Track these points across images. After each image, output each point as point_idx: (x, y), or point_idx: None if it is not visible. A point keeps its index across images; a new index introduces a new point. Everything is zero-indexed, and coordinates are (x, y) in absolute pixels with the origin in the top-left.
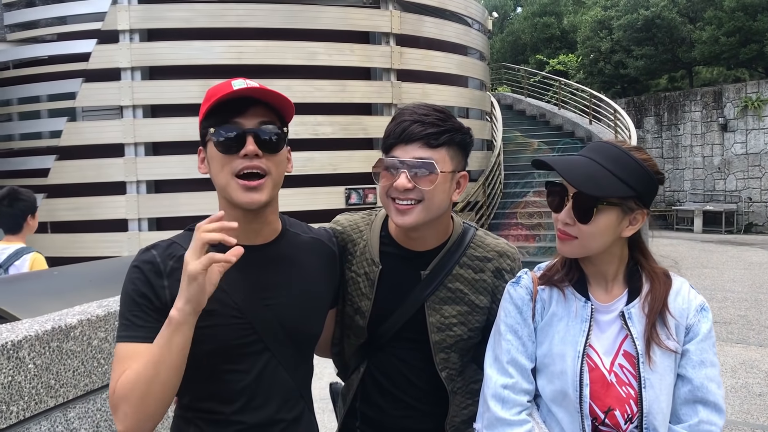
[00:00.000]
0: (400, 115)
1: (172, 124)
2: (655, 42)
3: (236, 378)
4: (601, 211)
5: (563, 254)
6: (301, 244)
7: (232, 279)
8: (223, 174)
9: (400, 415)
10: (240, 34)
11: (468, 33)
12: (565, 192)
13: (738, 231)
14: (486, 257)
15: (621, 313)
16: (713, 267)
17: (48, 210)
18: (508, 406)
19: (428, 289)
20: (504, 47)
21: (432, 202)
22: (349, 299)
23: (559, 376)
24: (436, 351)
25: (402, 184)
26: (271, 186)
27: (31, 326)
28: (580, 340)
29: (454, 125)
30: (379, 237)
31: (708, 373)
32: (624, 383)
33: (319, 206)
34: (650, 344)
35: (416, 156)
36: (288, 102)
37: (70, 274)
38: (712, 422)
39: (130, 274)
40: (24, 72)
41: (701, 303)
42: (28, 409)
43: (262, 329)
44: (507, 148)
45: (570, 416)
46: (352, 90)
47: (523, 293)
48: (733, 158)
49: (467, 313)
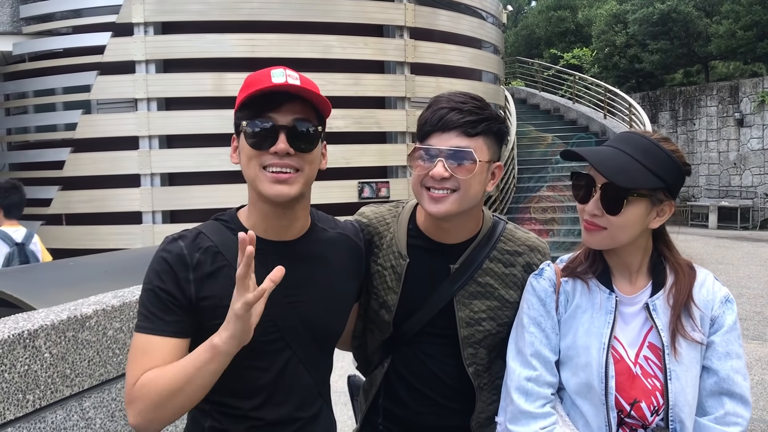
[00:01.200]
0: (436, 103)
1: (186, 116)
2: (671, 36)
3: (256, 375)
4: (631, 202)
5: (590, 245)
6: (328, 241)
7: (258, 275)
8: (252, 166)
9: (425, 411)
10: (254, 27)
11: (482, 26)
12: (593, 183)
13: (753, 227)
14: (517, 251)
15: (645, 305)
16: (728, 263)
17: (63, 202)
18: (531, 399)
19: (458, 283)
20: (518, 41)
21: (467, 192)
22: (374, 293)
23: (584, 368)
24: (465, 346)
25: (439, 172)
26: (302, 181)
27: (47, 316)
28: (605, 332)
29: (491, 114)
30: (406, 230)
31: (734, 364)
32: (649, 375)
33: (332, 200)
34: (675, 336)
35: (454, 144)
36: (325, 101)
37: (85, 265)
38: (738, 414)
39: (155, 265)
40: (39, 65)
41: (726, 295)
42: (44, 398)
43: (284, 327)
44: (521, 142)
45: (595, 408)
46: (366, 83)
47: (547, 285)
48: (750, 154)
49: (497, 308)
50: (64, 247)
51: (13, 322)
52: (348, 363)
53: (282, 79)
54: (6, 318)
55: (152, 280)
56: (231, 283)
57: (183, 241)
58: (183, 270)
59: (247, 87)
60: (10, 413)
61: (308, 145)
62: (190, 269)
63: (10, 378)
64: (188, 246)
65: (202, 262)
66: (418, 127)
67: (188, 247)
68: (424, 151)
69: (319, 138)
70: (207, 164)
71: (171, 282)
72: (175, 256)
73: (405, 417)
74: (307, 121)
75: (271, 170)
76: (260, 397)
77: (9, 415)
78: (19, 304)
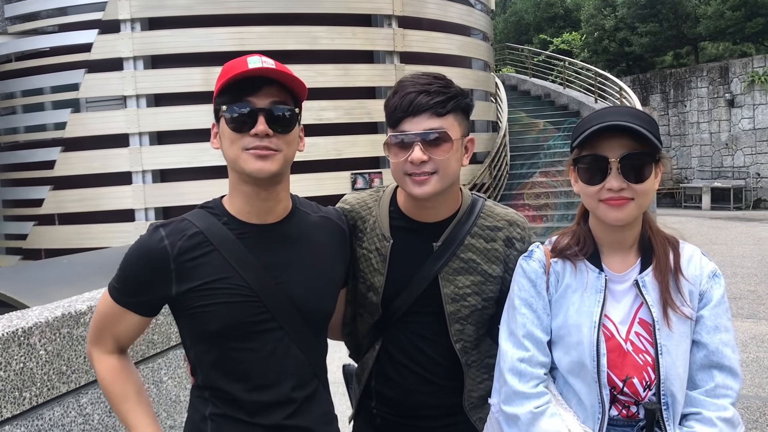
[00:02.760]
0: (402, 88)
1: (176, 112)
2: (660, 18)
3: (248, 357)
4: (649, 166)
5: (619, 222)
6: (311, 223)
7: (243, 258)
8: (234, 149)
9: (417, 390)
10: (241, 20)
11: (471, 13)
12: (604, 161)
13: (746, 207)
14: (496, 226)
15: (635, 282)
16: (722, 243)
17: (55, 202)
18: (525, 379)
19: (441, 260)
20: (507, 28)
21: (447, 171)
22: (361, 277)
23: (576, 346)
24: (451, 322)
25: (417, 156)
26: (281, 160)
27: (41, 313)
28: (595, 311)
29: (457, 91)
30: (388, 212)
31: (722, 338)
32: (641, 351)
33: (325, 192)
34: (666, 310)
35: (427, 127)
36: (300, 83)
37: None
38: (728, 386)
39: (134, 252)
40: (26, 64)
41: (713, 269)
42: (41, 395)
43: (274, 307)
44: (512, 129)
45: (588, 387)
46: (355, 74)
47: (537, 266)
48: (741, 134)
49: (481, 282)
50: (57, 247)
51: (7, 320)
52: (345, 353)
53: (258, 65)
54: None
55: (130, 264)
56: (217, 267)
57: (164, 229)
58: (161, 260)
59: (224, 74)
60: (7, 411)
61: (286, 126)
62: (171, 258)
63: (6, 376)
64: (169, 234)
65: (186, 248)
66: (389, 114)
67: (169, 235)
68: (399, 137)
69: (296, 119)
70: (198, 159)
71: (145, 270)
72: (154, 244)
73: (397, 398)
74: (284, 103)
75: (252, 151)
76: (255, 379)
77: (6, 413)
78: (11, 302)
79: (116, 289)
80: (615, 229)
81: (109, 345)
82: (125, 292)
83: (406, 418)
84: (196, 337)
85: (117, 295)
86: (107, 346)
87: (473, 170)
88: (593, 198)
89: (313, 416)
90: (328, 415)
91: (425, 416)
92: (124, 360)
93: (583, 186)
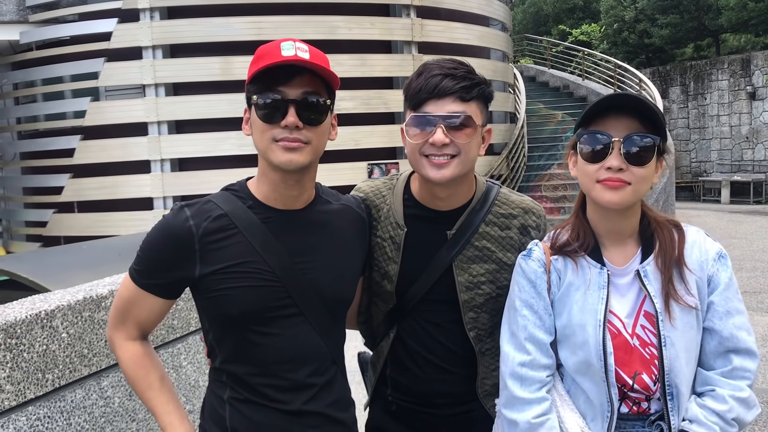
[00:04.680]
0: (428, 71)
1: (195, 101)
2: (681, 10)
3: (268, 341)
4: (650, 152)
5: (614, 205)
6: (333, 211)
7: (268, 242)
8: (264, 139)
9: (432, 378)
10: (259, 9)
11: (490, 4)
12: (607, 138)
13: (766, 201)
14: (511, 214)
15: (637, 272)
16: (742, 237)
17: (74, 189)
18: (526, 384)
19: (455, 248)
20: (526, 18)
21: (467, 156)
22: (375, 265)
23: (582, 346)
24: (465, 310)
25: (440, 138)
26: (311, 152)
27: (63, 296)
28: (599, 309)
29: (481, 79)
30: (402, 200)
31: (736, 321)
32: (647, 344)
33: (341, 182)
34: (669, 301)
35: (451, 110)
36: (333, 73)
37: (99, 248)
38: (746, 368)
39: (158, 231)
40: (46, 53)
41: (719, 250)
42: (63, 377)
43: (295, 293)
44: (530, 120)
45: (596, 386)
46: (373, 64)
47: (536, 266)
48: (762, 127)
49: (495, 271)
50: (76, 234)
51: (30, 303)
52: (360, 342)
53: (291, 53)
54: (23, 299)
55: (153, 245)
56: (241, 250)
57: (189, 209)
58: (186, 240)
59: (257, 60)
60: (30, 392)
61: (317, 117)
62: (195, 238)
63: (29, 358)
64: (195, 214)
65: (211, 230)
66: (410, 96)
67: (195, 216)
68: (422, 118)
69: (328, 110)
70: (217, 149)
71: (169, 250)
72: (179, 224)
73: (412, 386)
74: (316, 94)
75: (281, 142)
76: (274, 364)
77: (29, 394)
78: (34, 286)
79: (137, 271)
80: (612, 216)
81: (131, 330)
82: (147, 274)
83: (421, 405)
84: (216, 320)
85: (138, 277)
86: (129, 332)
87: (491, 161)
88: (591, 178)
89: (331, 402)
90: (345, 401)
91: (440, 404)
92: (146, 346)
93: (583, 164)
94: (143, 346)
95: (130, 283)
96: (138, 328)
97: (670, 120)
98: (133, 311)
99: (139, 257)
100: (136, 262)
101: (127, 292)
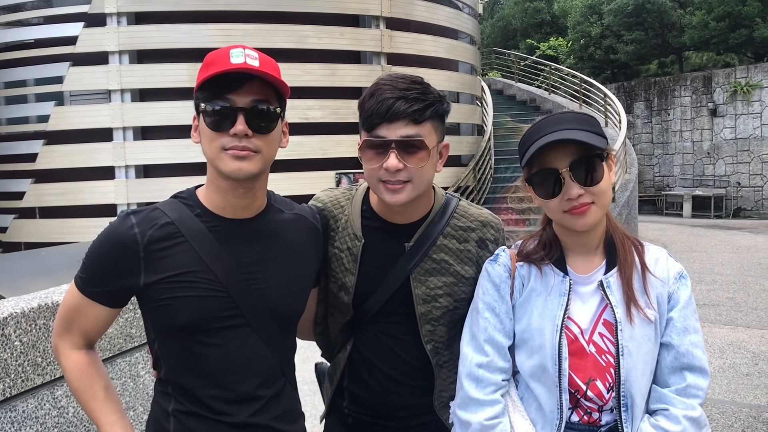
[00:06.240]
0: (379, 92)
1: (161, 108)
2: (645, 27)
3: (213, 352)
4: (600, 165)
5: (586, 227)
6: (285, 221)
7: (214, 252)
8: (213, 147)
9: (388, 391)
10: (228, 17)
11: (458, 17)
12: (555, 173)
13: (727, 215)
14: (469, 227)
15: (600, 283)
16: (702, 251)
17: (36, 195)
18: (482, 386)
19: (413, 260)
20: (494, 32)
21: (422, 180)
22: (332, 276)
23: (539, 350)
24: (422, 323)
25: (393, 164)
26: (261, 160)
27: (17, 304)
28: (558, 314)
29: (435, 97)
30: (360, 211)
31: (692, 339)
32: (603, 351)
33: (308, 191)
34: (629, 311)
35: (403, 134)
36: (283, 81)
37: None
38: (699, 387)
39: (103, 239)
40: (10, 56)
41: (680, 270)
42: (14, 387)
43: (242, 304)
44: (497, 133)
45: (548, 391)
46: (342, 74)
47: (501, 271)
48: (723, 143)
49: (453, 284)
50: (37, 240)
51: None
52: (315, 352)
53: (240, 60)
54: None
55: (98, 252)
56: (187, 259)
57: (135, 217)
58: (131, 248)
59: (206, 67)
60: None
61: (267, 125)
62: (140, 246)
63: None
64: (140, 222)
65: (156, 238)
66: (364, 118)
67: (140, 224)
68: (375, 142)
69: (278, 118)
70: (182, 156)
71: (114, 257)
72: (124, 231)
73: (369, 398)
74: (266, 101)
75: (230, 151)
76: (219, 376)
77: None
78: None
79: (82, 279)
80: (580, 233)
81: (76, 339)
82: (92, 282)
83: (377, 418)
84: (161, 330)
85: (83, 285)
86: (74, 341)
87: (458, 173)
88: (556, 211)
89: (278, 414)
90: (294, 413)
91: (397, 416)
92: (91, 355)
93: (543, 201)
94: (88, 355)
95: (75, 291)
96: (83, 336)
97: (635, 135)
98: (78, 320)
99: (84, 265)
100: (81, 270)
101: (72, 300)
